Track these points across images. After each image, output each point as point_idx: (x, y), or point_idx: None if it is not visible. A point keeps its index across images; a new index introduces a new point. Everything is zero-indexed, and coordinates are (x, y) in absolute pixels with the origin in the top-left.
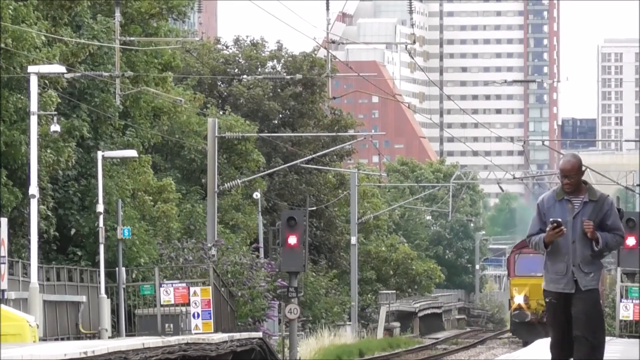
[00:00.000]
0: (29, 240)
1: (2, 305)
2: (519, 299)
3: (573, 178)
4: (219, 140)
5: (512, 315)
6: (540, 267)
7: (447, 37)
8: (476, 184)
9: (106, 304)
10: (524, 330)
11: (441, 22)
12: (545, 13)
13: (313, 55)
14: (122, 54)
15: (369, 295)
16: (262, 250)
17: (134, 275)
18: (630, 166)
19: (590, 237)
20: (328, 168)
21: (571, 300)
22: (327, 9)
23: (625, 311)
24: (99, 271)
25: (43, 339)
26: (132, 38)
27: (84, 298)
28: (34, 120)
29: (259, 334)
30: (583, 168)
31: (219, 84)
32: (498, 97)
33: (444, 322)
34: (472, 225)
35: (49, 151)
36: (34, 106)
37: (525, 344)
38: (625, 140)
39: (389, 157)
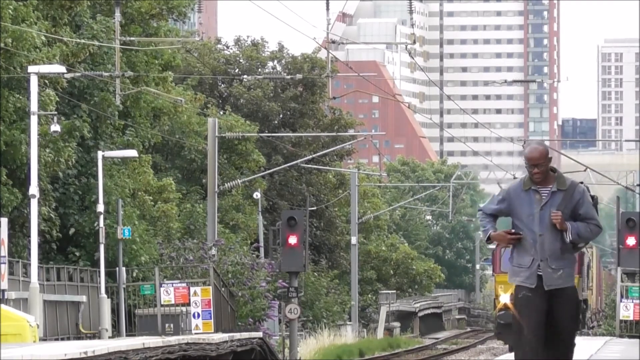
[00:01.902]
0: (29, 240)
1: (2, 305)
2: (504, 298)
3: (543, 166)
4: (219, 140)
5: (497, 317)
6: None
7: (447, 37)
8: (476, 183)
9: (106, 304)
10: (511, 333)
11: (441, 22)
12: (545, 13)
13: (314, 56)
14: (122, 54)
15: (369, 295)
16: (262, 250)
17: (134, 275)
18: (630, 166)
19: (559, 229)
20: (328, 168)
21: (545, 298)
22: (327, 9)
23: (625, 311)
24: (99, 271)
25: (43, 339)
26: (132, 38)
27: (84, 298)
28: (34, 120)
29: (259, 334)
30: (550, 155)
31: (219, 84)
32: (498, 97)
33: (444, 322)
34: (472, 225)
35: (48, 151)
36: (33, 106)
37: (511, 348)
38: (626, 140)
39: (389, 157)
